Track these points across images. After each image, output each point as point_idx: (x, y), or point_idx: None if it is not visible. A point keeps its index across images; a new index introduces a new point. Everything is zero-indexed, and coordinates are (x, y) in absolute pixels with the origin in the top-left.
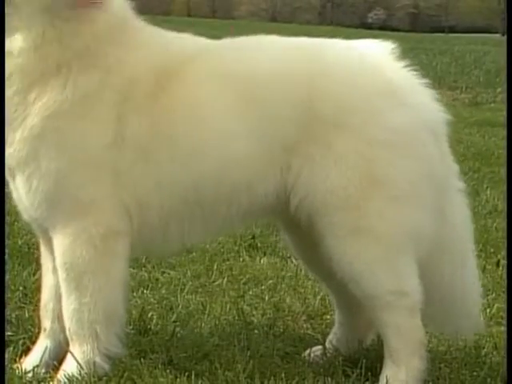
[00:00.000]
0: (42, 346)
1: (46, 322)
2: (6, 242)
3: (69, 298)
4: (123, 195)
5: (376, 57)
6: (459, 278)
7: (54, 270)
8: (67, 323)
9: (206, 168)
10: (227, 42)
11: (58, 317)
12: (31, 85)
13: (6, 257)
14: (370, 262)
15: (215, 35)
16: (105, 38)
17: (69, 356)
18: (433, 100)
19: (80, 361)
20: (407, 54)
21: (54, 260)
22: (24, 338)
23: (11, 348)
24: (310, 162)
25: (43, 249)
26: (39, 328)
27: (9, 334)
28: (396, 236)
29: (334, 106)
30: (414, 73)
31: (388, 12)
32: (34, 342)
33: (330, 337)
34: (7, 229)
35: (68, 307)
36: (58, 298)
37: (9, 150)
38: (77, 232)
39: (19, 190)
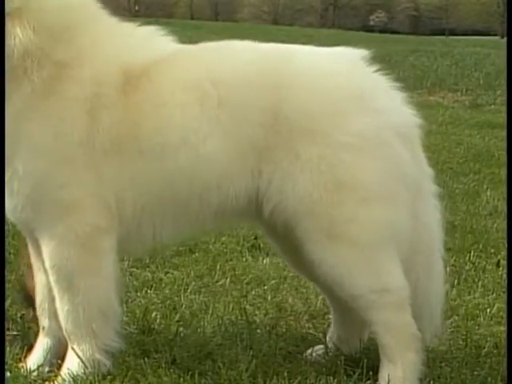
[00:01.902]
0: (42, 345)
1: (44, 321)
2: (12, 242)
3: (62, 299)
4: (103, 191)
5: (344, 63)
6: (427, 279)
7: (45, 270)
8: (63, 324)
9: (177, 165)
10: (200, 45)
11: (55, 315)
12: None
13: (12, 257)
14: (348, 264)
15: (217, 39)
16: (68, 28)
17: (70, 353)
18: (403, 104)
19: (81, 358)
20: (408, 56)
21: (43, 261)
22: (29, 338)
23: (17, 347)
24: (280, 169)
25: (31, 249)
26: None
27: (14, 333)
28: (370, 236)
29: (300, 111)
30: (386, 77)
31: (389, 15)
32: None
33: (330, 336)
34: (12, 229)
35: (62, 308)
36: (51, 297)
37: None
38: (62, 233)
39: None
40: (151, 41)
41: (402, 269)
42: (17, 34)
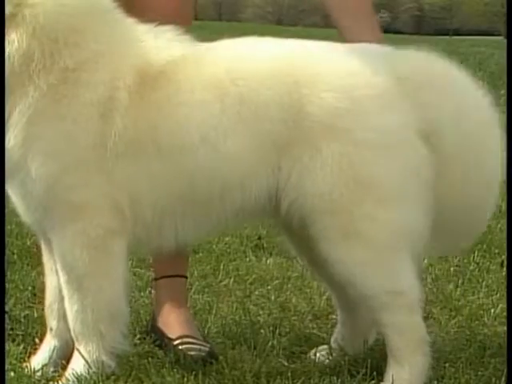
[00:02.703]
0: (49, 346)
1: (52, 322)
2: (15, 242)
3: (71, 299)
4: (116, 194)
5: (365, 60)
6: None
7: (57, 270)
8: (71, 324)
9: (197, 165)
10: (217, 43)
11: (64, 316)
12: (6, 97)
13: (15, 257)
14: (363, 264)
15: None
16: (75, 31)
17: (76, 354)
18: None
19: (87, 359)
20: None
21: (55, 261)
22: (33, 338)
23: (20, 347)
24: (299, 164)
25: (44, 250)
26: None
27: (18, 333)
28: (387, 237)
29: (322, 108)
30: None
31: (393, 15)
32: (42, 341)
33: (335, 336)
34: (16, 229)
35: (71, 308)
36: (62, 298)
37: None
38: (74, 234)
39: (16, 194)
40: (168, 41)
41: (415, 270)
42: (17, 40)
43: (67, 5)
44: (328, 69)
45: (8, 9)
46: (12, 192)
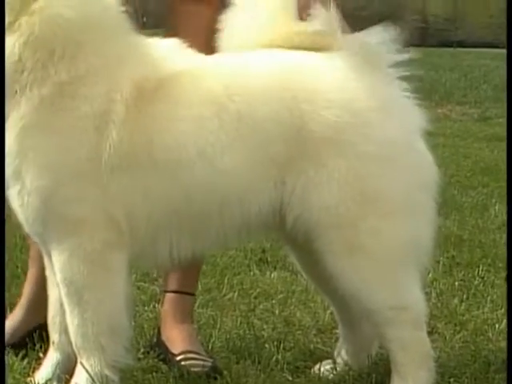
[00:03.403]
0: (51, 359)
1: (54, 335)
2: (20, 256)
3: (72, 312)
4: (111, 207)
5: (362, 71)
6: None
7: (57, 283)
8: (73, 338)
9: (193, 180)
10: (215, 57)
11: (66, 329)
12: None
13: (19, 271)
14: (368, 278)
15: None
16: (74, 44)
17: (79, 368)
18: (418, 108)
19: (90, 373)
20: (416, 67)
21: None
22: (37, 351)
23: (24, 362)
24: (304, 179)
25: (47, 262)
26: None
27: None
28: (392, 252)
29: (323, 123)
30: (397, 84)
31: (396, 26)
32: (46, 355)
33: (339, 351)
34: (21, 243)
35: (72, 322)
36: (63, 312)
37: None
38: (72, 248)
39: (15, 205)
40: (167, 55)
41: (419, 284)
42: (10, 46)
43: (65, 17)
44: (326, 83)
45: (8, 18)
46: (12, 203)
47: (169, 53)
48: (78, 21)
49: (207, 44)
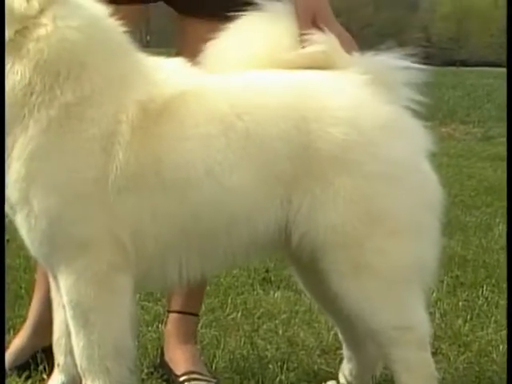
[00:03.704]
0: (56, 381)
1: (59, 357)
2: (23, 276)
3: (77, 335)
4: (117, 229)
5: (367, 91)
6: None
7: (63, 305)
8: (78, 360)
9: (201, 199)
10: (221, 76)
11: (71, 351)
12: (6, 129)
13: (23, 291)
14: (373, 298)
15: None
16: (78, 65)
17: None
18: (423, 129)
19: None
20: (420, 87)
21: (61, 296)
22: (40, 372)
23: (28, 382)
24: (310, 197)
25: (53, 284)
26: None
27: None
28: (398, 271)
29: (330, 142)
30: (403, 104)
31: (400, 45)
32: (49, 376)
33: (343, 371)
34: (25, 263)
35: (77, 344)
36: (69, 333)
37: (6, 193)
38: (79, 270)
39: (21, 228)
40: (172, 74)
41: (424, 304)
42: (20, 72)
43: (71, 40)
44: (333, 101)
45: (8, 34)
46: (18, 226)
47: (174, 72)
48: (81, 42)
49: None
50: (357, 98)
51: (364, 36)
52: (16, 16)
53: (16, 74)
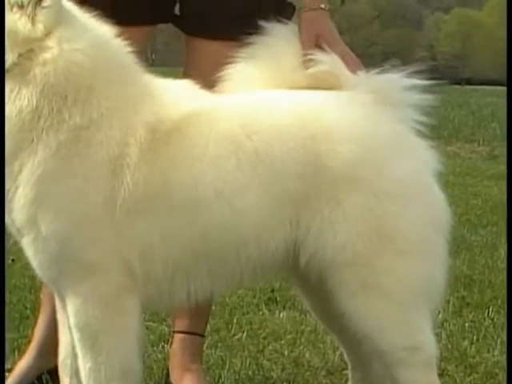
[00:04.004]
0: None
1: (65, 379)
2: (28, 297)
3: (84, 356)
4: (125, 251)
5: (374, 110)
6: None
7: (70, 327)
8: (85, 382)
9: (211, 220)
10: (229, 97)
11: (76, 373)
12: (13, 154)
13: (28, 312)
14: (381, 318)
15: None
16: (86, 89)
17: None
18: (431, 148)
19: None
20: (425, 106)
21: (68, 317)
22: None
23: None
24: (319, 217)
25: (58, 305)
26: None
27: None
28: (406, 291)
29: (340, 161)
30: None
31: (405, 63)
32: None
33: None
34: (30, 283)
35: (84, 366)
36: (75, 355)
37: (10, 216)
38: (87, 292)
39: (29, 251)
40: (181, 96)
41: (431, 325)
42: (28, 97)
43: (78, 63)
44: (341, 121)
45: (12, 58)
46: (25, 249)
47: (182, 94)
48: (88, 65)
49: (219, 81)
50: (365, 117)
51: (369, 54)
52: (20, 39)
53: (23, 98)
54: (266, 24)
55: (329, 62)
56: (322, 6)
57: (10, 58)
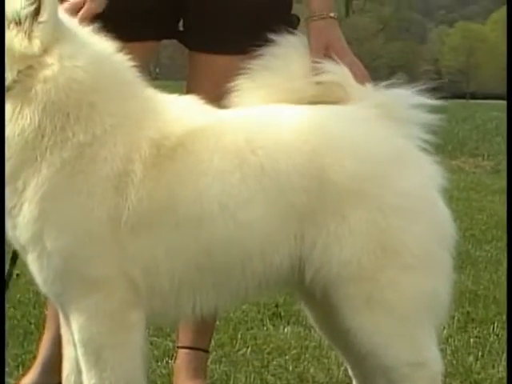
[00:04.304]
0: None
1: None
2: (33, 312)
3: (89, 372)
4: (129, 267)
5: (380, 124)
6: None
7: (74, 343)
8: None
9: (215, 234)
10: (235, 112)
11: None
12: (17, 172)
13: (33, 327)
14: (386, 333)
15: None
16: (88, 105)
17: None
18: (436, 163)
19: None
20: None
21: (72, 333)
22: None
23: None
24: (325, 232)
25: (62, 321)
26: None
27: None
28: (412, 306)
29: (345, 175)
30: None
31: (409, 77)
32: None
33: None
34: (34, 298)
35: (89, 382)
36: (79, 370)
37: (14, 233)
38: (91, 308)
39: (33, 267)
40: (185, 111)
41: (436, 341)
42: (29, 116)
43: (78, 80)
44: (346, 135)
45: (11, 75)
46: (30, 265)
47: (187, 109)
48: (89, 81)
49: (224, 93)
50: (369, 131)
51: (374, 67)
52: (18, 55)
53: (25, 118)
54: (274, 35)
55: (337, 72)
56: (332, 14)
57: (9, 75)
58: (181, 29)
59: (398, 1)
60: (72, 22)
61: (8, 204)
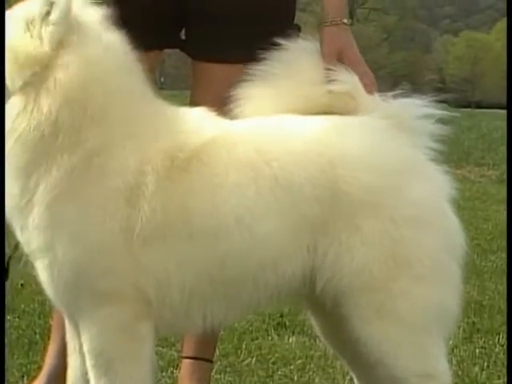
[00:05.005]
0: None
1: None
2: (38, 322)
3: (98, 382)
4: (141, 279)
5: (390, 135)
6: None
7: (80, 350)
8: None
9: (230, 247)
10: (247, 123)
11: None
12: (28, 169)
13: (38, 337)
14: (395, 344)
15: None
16: (102, 110)
17: None
18: (445, 174)
19: None
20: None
21: (79, 342)
22: None
23: None
24: (337, 243)
25: (69, 328)
26: None
27: None
28: (421, 317)
29: (357, 186)
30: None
31: (414, 86)
32: None
33: None
34: (39, 308)
35: None
36: (84, 379)
37: (24, 236)
38: (103, 319)
39: (44, 276)
40: (197, 123)
41: (446, 352)
42: (46, 106)
43: (93, 84)
44: (358, 146)
45: (23, 78)
46: (40, 273)
47: (199, 121)
48: (102, 90)
49: (227, 102)
50: (381, 142)
51: (378, 77)
52: (30, 58)
53: (42, 109)
54: (282, 39)
55: (349, 82)
56: (345, 20)
57: (21, 77)
58: (183, 38)
59: (403, 10)
60: (88, 18)
61: (18, 202)
